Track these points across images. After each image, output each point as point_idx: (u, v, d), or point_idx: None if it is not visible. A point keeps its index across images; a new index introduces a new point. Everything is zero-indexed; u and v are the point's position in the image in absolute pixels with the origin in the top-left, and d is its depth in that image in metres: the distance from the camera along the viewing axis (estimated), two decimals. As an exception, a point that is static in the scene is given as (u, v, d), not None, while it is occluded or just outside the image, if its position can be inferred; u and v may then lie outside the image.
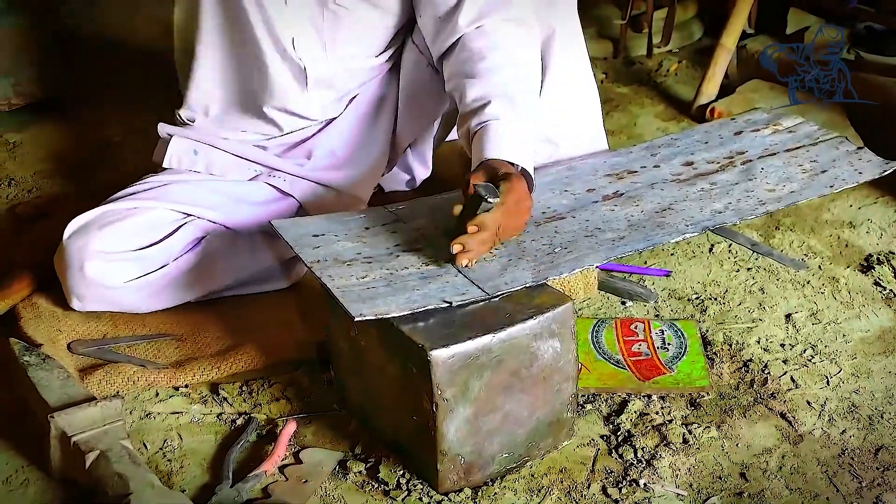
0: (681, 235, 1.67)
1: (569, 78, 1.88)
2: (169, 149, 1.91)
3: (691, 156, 1.91)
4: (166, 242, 1.82)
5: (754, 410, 1.66)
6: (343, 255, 1.59)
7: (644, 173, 1.86)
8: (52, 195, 2.25)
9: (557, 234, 1.67)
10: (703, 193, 1.78)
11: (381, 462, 1.56)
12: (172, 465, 1.58)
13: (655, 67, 2.88)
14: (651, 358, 1.76)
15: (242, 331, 1.82)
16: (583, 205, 1.75)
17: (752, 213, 1.72)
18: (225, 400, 1.70)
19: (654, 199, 1.76)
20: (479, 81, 1.70)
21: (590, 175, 1.85)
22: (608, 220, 1.71)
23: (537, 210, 1.71)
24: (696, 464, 1.57)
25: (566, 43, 1.86)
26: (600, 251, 1.62)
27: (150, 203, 1.84)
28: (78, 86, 2.63)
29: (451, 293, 1.50)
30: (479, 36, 1.75)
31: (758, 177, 1.82)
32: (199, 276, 1.84)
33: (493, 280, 1.53)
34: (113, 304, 1.82)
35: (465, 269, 1.55)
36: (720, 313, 1.89)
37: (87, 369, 1.74)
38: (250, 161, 1.93)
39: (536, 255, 1.60)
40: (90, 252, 1.76)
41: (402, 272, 1.55)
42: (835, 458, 1.57)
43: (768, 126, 2.00)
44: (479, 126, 1.67)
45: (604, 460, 1.57)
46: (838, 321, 1.87)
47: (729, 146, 1.94)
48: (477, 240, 1.55)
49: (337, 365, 1.67)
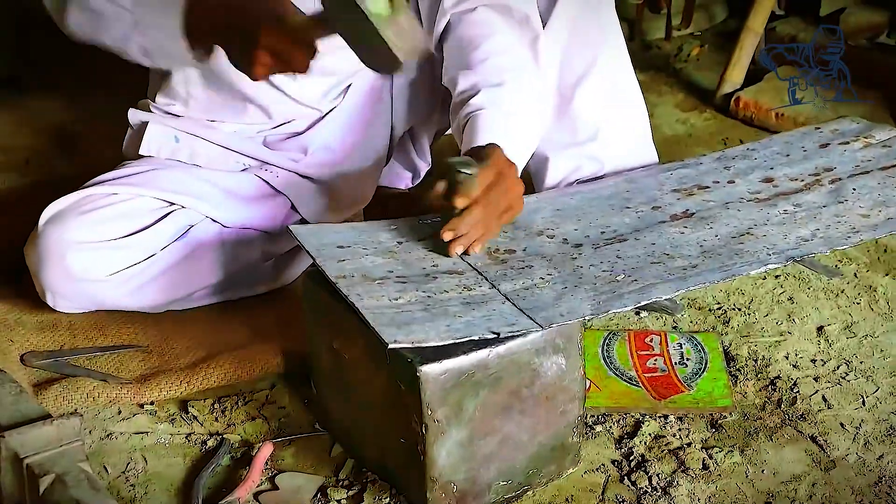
0: (763, 266, 1.61)
1: (614, 89, 1.93)
2: (146, 135, 1.90)
3: (771, 171, 1.86)
4: (152, 230, 1.82)
5: (782, 433, 1.66)
6: (373, 272, 1.55)
7: (717, 189, 1.81)
8: (4, 190, 2.24)
9: (620, 258, 1.62)
10: (787, 217, 1.73)
11: (365, 489, 1.55)
12: (136, 490, 1.57)
13: (675, 52, 2.88)
14: (668, 374, 1.75)
15: (215, 342, 1.82)
16: (648, 225, 1.71)
17: (845, 241, 1.66)
18: (195, 419, 1.70)
19: (730, 222, 1.71)
20: (469, 72, 1.77)
21: (654, 189, 1.81)
22: (678, 244, 1.66)
23: (596, 229, 1.69)
24: (717, 492, 1.56)
25: (611, 56, 1.92)
26: (670, 282, 1.56)
27: (134, 190, 1.84)
28: (33, 66, 2.62)
29: (499, 323, 1.45)
30: (471, 25, 1.81)
31: (849, 199, 1.77)
32: (185, 269, 1.85)
33: (547, 310, 1.49)
34: (94, 301, 1.82)
35: (515, 296, 1.51)
36: (745, 325, 1.88)
37: (42, 384, 1.73)
38: (239, 153, 1.93)
39: (596, 283, 1.55)
40: (70, 241, 1.76)
41: (440, 296, 1.51)
42: (871, 487, 1.57)
43: (859, 138, 1.95)
44: (467, 117, 1.72)
45: (615, 488, 1.56)
46: (875, 334, 1.86)
47: (814, 161, 1.88)
48: (467, 222, 1.57)
49: (319, 381, 1.66)
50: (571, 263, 1.60)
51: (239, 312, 1.90)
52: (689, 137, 2.55)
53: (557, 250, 1.65)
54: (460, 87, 1.77)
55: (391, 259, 1.59)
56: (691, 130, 2.58)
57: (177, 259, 1.84)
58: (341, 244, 1.61)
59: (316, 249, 1.59)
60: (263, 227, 1.92)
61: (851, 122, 2.02)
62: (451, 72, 1.81)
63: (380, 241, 1.63)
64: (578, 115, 1.92)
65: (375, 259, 1.58)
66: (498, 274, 1.57)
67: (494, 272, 1.57)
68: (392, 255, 1.60)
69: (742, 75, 2.62)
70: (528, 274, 1.58)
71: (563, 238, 1.68)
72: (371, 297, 1.49)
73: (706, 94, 2.67)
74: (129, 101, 1.98)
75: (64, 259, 1.76)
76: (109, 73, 1.84)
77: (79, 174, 1.98)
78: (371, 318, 1.44)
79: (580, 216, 1.75)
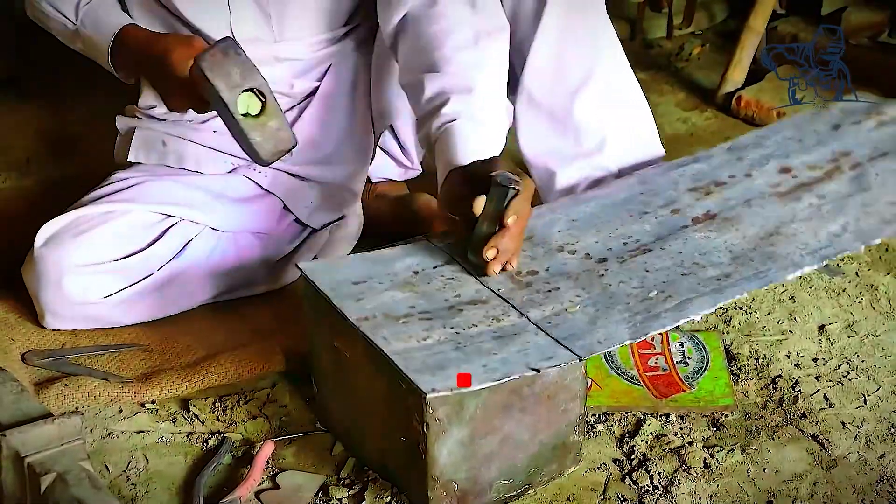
0: (798, 269, 1.55)
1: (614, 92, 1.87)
2: (133, 141, 1.92)
3: (786, 159, 1.79)
4: (149, 251, 1.83)
5: (783, 432, 1.65)
6: (395, 310, 1.50)
7: (735, 185, 1.75)
8: (5, 189, 2.24)
9: (649, 272, 1.56)
10: (813, 211, 1.66)
11: (366, 488, 1.55)
12: (137, 489, 1.57)
13: (676, 51, 2.88)
14: (669, 373, 1.75)
15: (216, 341, 1.82)
16: (670, 231, 1.65)
17: (877, 235, 1.60)
18: (196, 417, 1.70)
19: (755, 221, 1.65)
20: (436, 76, 1.68)
21: (670, 189, 1.75)
22: (705, 251, 1.60)
23: (618, 240, 1.64)
24: (718, 491, 1.55)
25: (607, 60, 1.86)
26: (706, 295, 1.51)
27: (126, 206, 1.85)
28: (34, 67, 2.62)
29: (537, 358, 1.42)
30: (431, 19, 1.71)
31: (874, 186, 1.70)
32: (183, 284, 1.85)
33: (584, 338, 1.45)
34: (92, 321, 1.83)
35: (547, 325, 1.47)
36: (746, 324, 1.88)
37: (44, 383, 1.73)
38: (226, 154, 1.93)
39: (629, 303, 1.50)
40: (67, 266, 1.77)
41: (470, 331, 1.46)
42: (872, 486, 1.56)
43: (870, 116, 1.87)
44: (441, 129, 1.64)
45: (616, 486, 1.56)
46: (877, 333, 1.85)
47: (829, 145, 1.82)
48: (509, 237, 1.53)
49: (320, 380, 1.66)
50: (599, 282, 1.55)
51: (240, 311, 1.90)
52: (690, 137, 2.55)
53: (582, 267, 1.60)
54: (427, 92, 1.67)
55: (410, 292, 1.54)
56: (692, 130, 2.58)
57: (174, 276, 1.84)
58: (356, 280, 1.56)
59: (331, 289, 1.53)
60: (258, 228, 1.92)
61: (856, 99, 1.95)
62: (413, 74, 1.72)
63: (395, 272, 1.58)
64: (581, 126, 1.86)
65: (395, 294, 1.53)
66: (525, 300, 1.53)
67: (521, 298, 1.53)
68: (411, 288, 1.55)
69: (743, 74, 2.61)
70: (555, 297, 1.54)
71: (586, 253, 1.63)
72: (398, 339, 1.44)
73: (707, 94, 2.67)
74: (128, 102, 1.98)
75: (61, 282, 1.77)
76: (109, 74, 1.84)
77: (79, 174, 1.99)
78: (402, 364, 1.39)
79: (598, 226, 1.69)
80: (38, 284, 1.79)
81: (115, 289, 1.80)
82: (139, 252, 1.82)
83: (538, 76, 1.84)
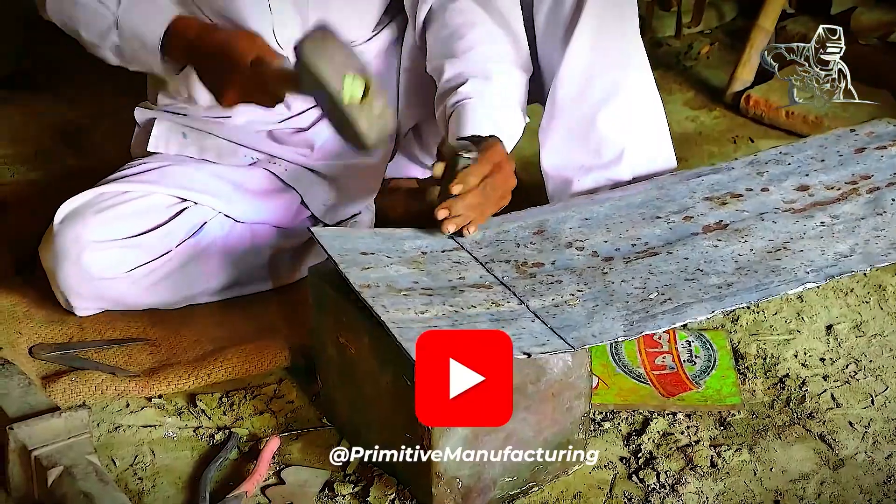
0: (800, 285, 1.55)
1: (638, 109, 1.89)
2: (154, 131, 1.91)
3: (806, 178, 1.79)
4: (167, 227, 1.83)
5: (790, 431, 1.65)
6: (398, 283, 1.51)
7: (751, 198, 1.75)
8: (13, 183, 2.24)
9: (652, 275, 1.57)
10: (824, 230, 1.67)
11: (371, 483, 1.55)
12: (144, 483, 1.57)
13: (685, 50, 2.87)
14: (676, 372, 1.75)
15: (223, 336, 1.82)
16: (680, 237, 1.66)
17: (884, 258, 1.60)
18: (203, 412, 1.70)
19: (765, 235, 1.66)
20: (457, 61, 1.77)
21: (686, 197, 1.76)
22: (712, 259, 1.61)
23: (627, 241, 1.66)
24: (725, 490, 1.55)
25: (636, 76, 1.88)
26: (705, 301, 1.52)
27: (146, 187, 1.84)
28: (43, 62, 2.63)
29: (529, 342, 1.43)
30: (454, 13, 1.80)
31: (888, 210, 1.70)
32: (200, 265, 1.85)
33: (579, 330, 1.46)
34: (111, 300, 1.83)
35: (544, 314, 1.49)
36: (753, 323, 1.88)
37: (51, 376, 1.73)
38: (247, 147, 1.93)
39: (628, 301, 1.52)
40: (87, 241, 1.77)
41: (468, 311, 1.48)
42: (879, 486, 1.56)
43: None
44: (455, 106, 1.73)
45: (623, 485, 1.56)
46: (885, 333, 1.85)
47: (850, 167, 1.82)
48: (463, 204, 1.59)
49: (325, 376, 1.66)
50: (602, 279, 1.56)
51: (247, 306, 1.90)
52: (698, 135, 2.54)
53: (587, 264, 1.61)
54: (446, 75, 1.77)
55: (416, 269, 1.55)
56: (701, 128, 2.58)
57: (192, 255, 1.84)
58: (365, 251, 1.57)
59: (339, 255, 1.54)
60: (275, 221, 1.93)
61: (888, 124, 1.94)
62: (437, 60, 1.81)
63: (404, 249, 1.60)
64: (603, 138, 1.87)
65: (400, 269, 1.55)
66: (526, 289, 1.54)
67: (523, 287, 1.54)
68: (417, 266, 1.56)
69: (752, 73, 2.61)
70: (557, 290, 1.54)
71: (593, 251, 1.64)
72: (396, 309, 1.45)
73: (716, 92, 2.66)
74: (134, 98, 1.98)
75: (81, 258, 1.77)
76: (116, 70, 1.84)
77: (87, 167, 1.99)
78: (397, 332, 1.40)
79: (610, 226, 1.70)
80: (56, 261, 1.78)
81: (134, 264, 1.80)
82: (158, 227, 1.82)
83: (567, 86, 1.86)
